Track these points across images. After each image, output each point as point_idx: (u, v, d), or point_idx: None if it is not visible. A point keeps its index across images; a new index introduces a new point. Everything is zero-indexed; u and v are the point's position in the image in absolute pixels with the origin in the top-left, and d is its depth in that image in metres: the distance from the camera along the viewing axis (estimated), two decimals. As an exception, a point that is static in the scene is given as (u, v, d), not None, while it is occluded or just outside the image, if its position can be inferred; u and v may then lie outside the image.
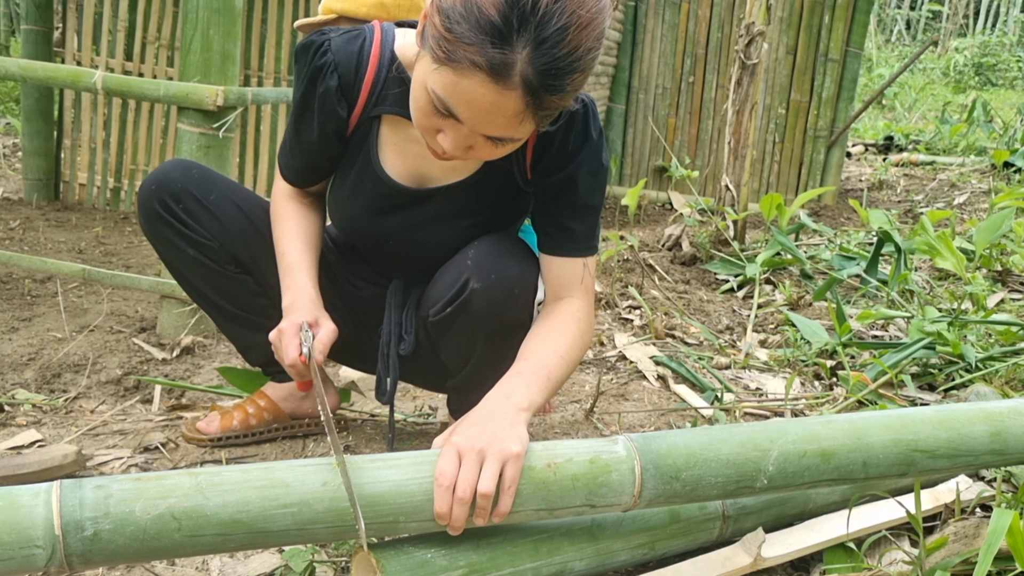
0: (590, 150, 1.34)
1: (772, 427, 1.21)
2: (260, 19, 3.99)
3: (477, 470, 1.05)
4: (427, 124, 1.18)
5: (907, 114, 10.23)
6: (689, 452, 1.15)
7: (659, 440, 1.16)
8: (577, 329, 1.33)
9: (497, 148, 1.19)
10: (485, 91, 1.07)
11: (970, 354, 2.26)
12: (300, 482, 1.01)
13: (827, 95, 5.26)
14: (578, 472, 1.10)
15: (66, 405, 1.94)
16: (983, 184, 5.76)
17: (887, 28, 17.92)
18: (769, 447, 1.18)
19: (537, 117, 1.12)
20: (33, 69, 2.34)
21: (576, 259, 1.38)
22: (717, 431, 1.20)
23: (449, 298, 1.39)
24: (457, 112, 1.11)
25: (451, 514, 1.04)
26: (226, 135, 2.24)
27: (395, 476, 1.05)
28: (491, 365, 1.51)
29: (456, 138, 1.17)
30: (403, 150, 1.42)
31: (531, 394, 1.20)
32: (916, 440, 1.25)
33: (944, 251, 3.00)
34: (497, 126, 1.12)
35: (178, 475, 1.00)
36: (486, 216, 1.46)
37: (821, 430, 1.22)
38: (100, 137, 4.15)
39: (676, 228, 3.82)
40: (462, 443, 1.08)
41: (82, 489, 0.95)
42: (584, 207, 1.37)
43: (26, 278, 2.81)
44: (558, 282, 1.38)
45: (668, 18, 5.42)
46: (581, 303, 1.37)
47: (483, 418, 1.14)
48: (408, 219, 1.47)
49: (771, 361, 2.51)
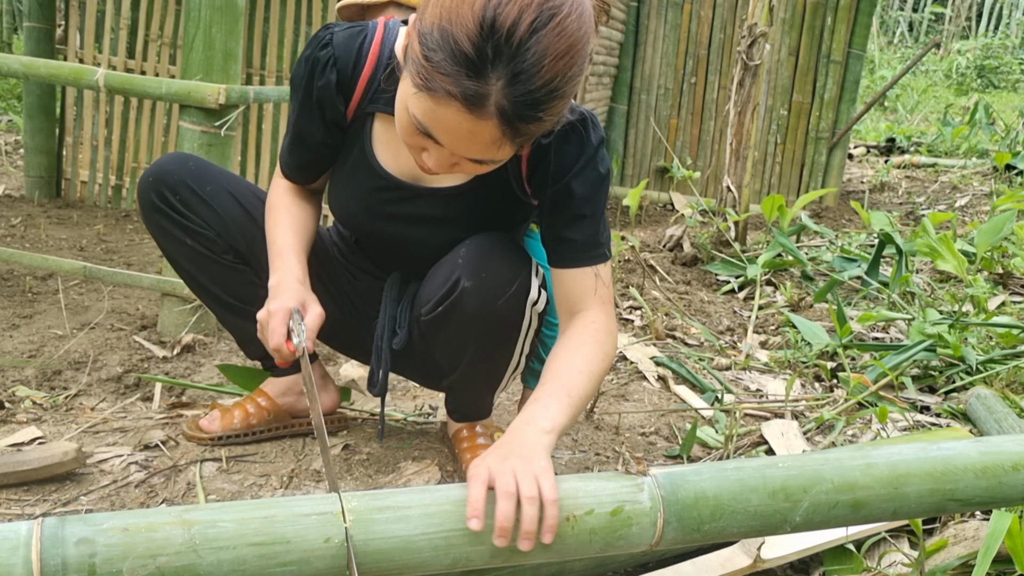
0: (586, 161, 1.32)
1: (808, 472, 1.13)
2: (262, 17, 3.99)
3: (513, 481, 1.01)
4: (411, 142, 1.19)
5: (909, 116, 10.22)
6: (717, 503, 1.08)
7: (687, 488, 1.08)
8: (595, 341, 1.28)
9: (482, 166, 1.19)
10: (461, 119, 1.07)
11: (971, 356, 2.26)
12: (301, 537, 0.95)
13: (829, 97, 5.25)
14: (597, 526, 1.04)
15: (66, 402, 1.94)
16: (984, 186, 5.75)
17: (889, 30, 17.91)
18: (801, 498, 1.12)
19: (515, 143, 1.12)
20: (35, 66, 2.34)
21: (584, 269, 1.34)
22: (751, 475, 1.11)
23: (440, 296, 1.39)
24: (436, 136, 1.12)
25: (500, 516, 0.99)
26: (228, 133, 2.24)
27: (404, 531, 0.98)
28: (484, 365, 1.52)
29: (439, 158, 1.17)
30: (396, 148, 1.42)
31: (552, 415, 1.16)
32: (954, 490, 1.17)
33: (945, 253, 2.99)
34: (476, 151, 1.13)
35: (170, 525, 0.92)
36: (483, 221, 1.45)
37: (859, 478, 1.14)
38: (102, 135, 4.14)
39: (677, 229, 3.82)
40: (492, 464, 1.04)
41: (64, 544, 0.88)
42: (581, 217, 1.34)
43: (27, 275, 2.81)
44: (570, 295, 1.35)
45: (670, 19, 5.42)
46: (597, 314, 1.32)
47: (507, 442, 1.11)
48: (403, 213, 1.47)
49: (771, 362, 2.50)
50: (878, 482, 1.14)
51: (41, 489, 1.50)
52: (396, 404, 2.07)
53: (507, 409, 2.04)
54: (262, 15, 4.00)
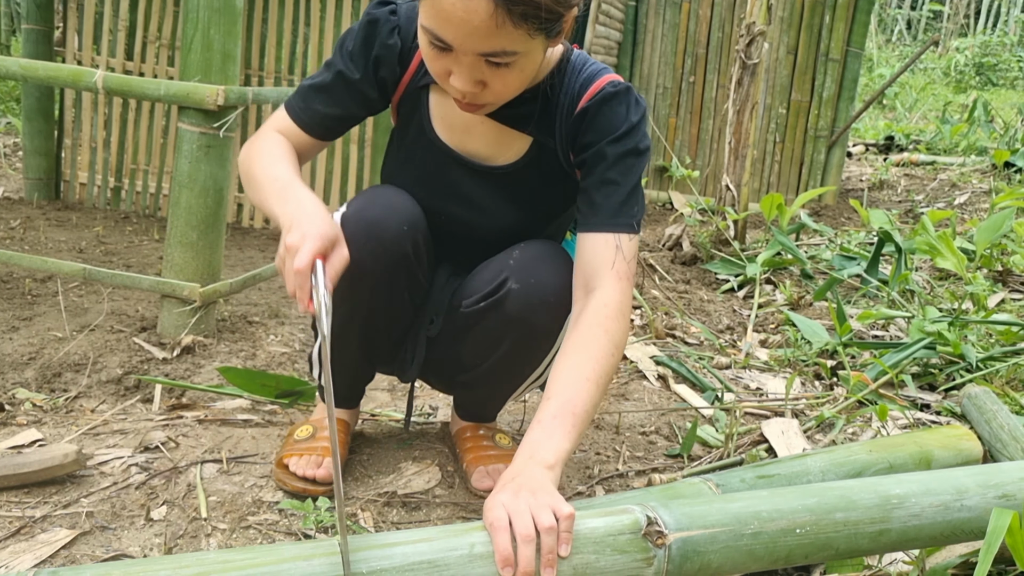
0: (627, 130, 1.33)
1: (821, 540, 1.15)
2: (261, 19, 3.99)
3: (531, 520, 1.05)
4: (437, 69, 1.23)
5: (908, 114, 10.22)
6: (719, 572, 1.12)
7: (695, 560, 1.10)
8: (607, 340, 1.26)
9: (504, 73, 1.20)
10: (455, 0, 1.11)
11: (971, 354, 2.26)
12: None
13: (828, 95, 5.25)
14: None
15: (66, 404, 1.94)
16: (984, 184, 5.75)
17: (888, 28, 17.91)
18: (800, 561, 1.16)
19: (513, 17, 1.12)
20: (34, 68, 2.34)
21: (605, 235, 1.31)
22: (763, 543, 1.13)
23: (486, 293, 1.40)
24: (443, 35, 1.16)
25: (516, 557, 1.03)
26: (227, 135, 2.24)
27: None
28: (509, 369, 1.52)
29: (460, 70, 1.21)
30: (450, 123, 1.44)
31: (555, 446, 1.17)
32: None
33: (945, 251, 2.99)
34: (479, 36, 1.14)
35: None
36: (537, 201, 1.47)
37: (867, 545, 1.17)
38: (101, 136, 4.14)
39: (677, 228, 3.82)
40: (506, 502, 1.07)
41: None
42: (612, 182, 1.33)
43: (27, 277, 2.81)
44: (588, 266, 1.32)
45: (669, 18, 5.42)
46: (612, 295, 1.29)
47: (514, 475, 1.14)
48: (465, 193, 1.47)
49: (771, 361, 2.50)
50: (884, 548, 1.19)
51: (41, 491, 1.50)
52: (396, 404, 2.07)
53: (508, 409, 2.04)
54: (260, 16, 3.99)
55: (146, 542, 1.38)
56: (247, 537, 1.41)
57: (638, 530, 1.09)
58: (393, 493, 1.56)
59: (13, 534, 1.36)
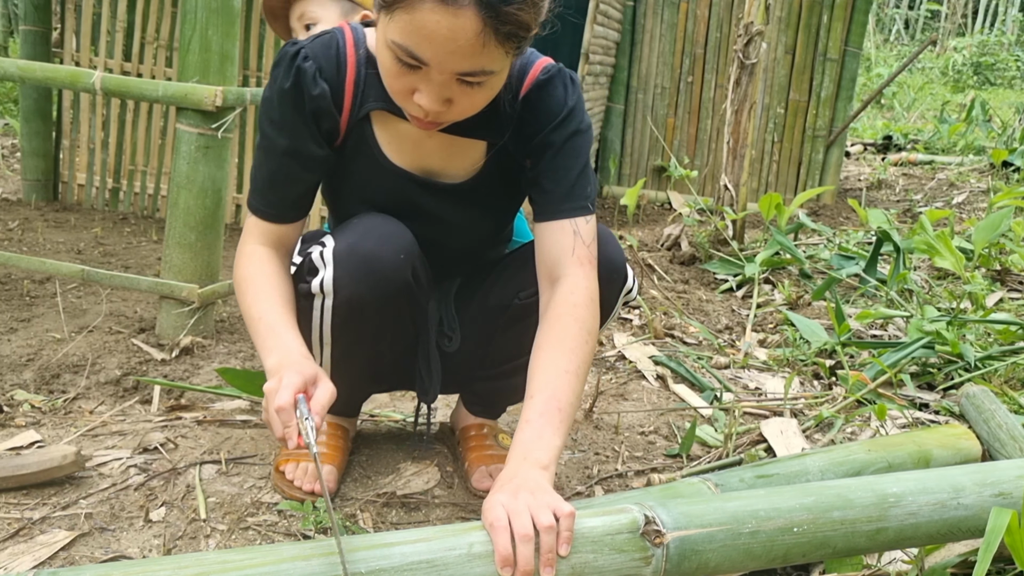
0: (566, 114, 1.33)
1: (818, 539, 1.16)
2: (259, 19, 3.98)
3: (530, 520, 1.06)
4: (400, 87, 1.17)
5: (906, 113, 10.23)
6: (716, 571, 1.13)
7: (692, 559, 1.11)
8: (579, 328, 1.27)
9: (473, 92, 1.17)
10: (439, 18, 1.06)
11: (969, 353, 2.27)
12: None
13: (826, 95, 5.26)
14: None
15: (65, 406, 1.94)
16: (982, 183, 5.76)
17: (886, 27, 17.93)
18: (797, 560, 1.17)
19: (499, 36, 1.09)
20: (32, 70, 2.34)
21: (561, 223, 1.31)
22: (761, 542, 1.14)
23: None
24: (420, 53, 1.10)
25: (515, 556, 1.04)
26: (225, 135, 2.24)
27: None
28: None
29: (430, 89, 1.15)
30: (399, 147, 1.40)
31: (546, 445, 1.19)
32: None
33: (943, 250, 3.00)
34: (461, 56, 1.10)
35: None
36: (505, 203, 1.48)
37: (863, 543, 1.18)
38: (99, 138, 4.14)
39: (675, 228, 3.82)
40: (505, 502, 1.08)
41: None
42: (560, 167, 1.33)
43: (25, 279, 2.81)
44: (549, 256, 1.33)
45: (667, 18, 5.42)
46: (577, 282, 1.30)
47: (510, 477, 1.15)
48: (429, 212, 1.44)
49: (770, 360, 2.51)
50: (881, 546, 1.19)
51: (40, 493, 1.50)
52: (396, 405, 2.07)
53: (508, 409, 2.04)
54: (258, 17, 3.99)
55: (145, 543, 1.37)
56: (246, 538, 1.41)
57: (636, 529, 1.09)
58: (392, 493, 1.56)
59: (12, 536, 1.36)
